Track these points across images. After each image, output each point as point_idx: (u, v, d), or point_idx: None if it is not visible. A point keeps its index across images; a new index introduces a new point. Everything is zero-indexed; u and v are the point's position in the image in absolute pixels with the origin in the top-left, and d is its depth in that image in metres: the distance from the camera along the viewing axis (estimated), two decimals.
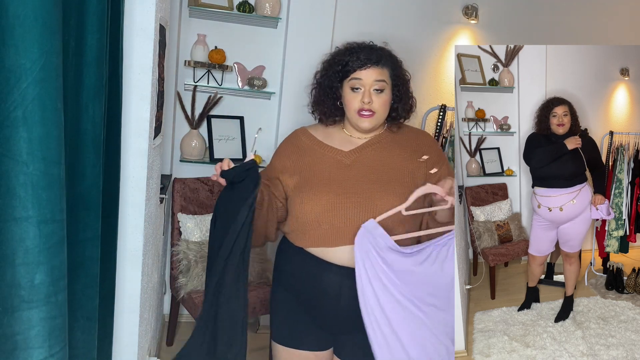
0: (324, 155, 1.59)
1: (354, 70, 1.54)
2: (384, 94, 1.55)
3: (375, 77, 1.54)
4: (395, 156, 1.58)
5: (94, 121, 1.20)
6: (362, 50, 1.57)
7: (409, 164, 1.58)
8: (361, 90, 1.53)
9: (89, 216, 1.22)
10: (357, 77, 1.54)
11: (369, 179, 1.53)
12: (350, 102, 1.55)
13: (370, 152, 1.58)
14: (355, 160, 1.57)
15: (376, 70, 1.54)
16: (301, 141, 1.64)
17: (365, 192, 1.50)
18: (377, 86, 1.54)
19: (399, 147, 1.61)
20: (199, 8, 2.61)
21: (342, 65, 1.56)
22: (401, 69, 1.63)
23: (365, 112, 1.54)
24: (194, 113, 2.72)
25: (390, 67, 1.58)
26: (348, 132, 1.62)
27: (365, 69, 1.53)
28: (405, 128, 1.69)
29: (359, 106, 1.53)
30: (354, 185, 1.52)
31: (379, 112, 1.55)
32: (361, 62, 1.54)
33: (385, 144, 1.61)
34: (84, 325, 1.25)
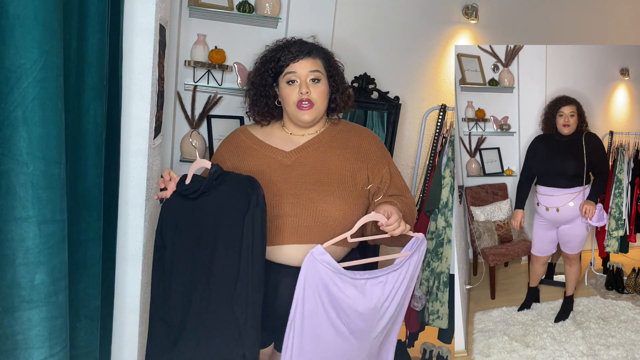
0: (264, 155, 1.58)
1: (287, 64, 1.55)
2: (321, 84, 1.56)
3: (309, 67, 1.54)
4: (337, 156, 1.58)
5: (95, 121, 1.20)
6: (293, 44, 1.58)
7: (351, 164, 1.58)
8: (297, 82, 1.54)
9: (90, 216, 1.22)
10: (292, 71, 1.54)
11: (309, 180, 1.52)
12: (288, 95, 1.55)
13: (312, 152, 1.58)
14: (296, 160, 1.56)
15: (309, 61, 1.55)
16: (242, 141, 1.63)
17: (305, 193, 1.50)
18: (313, 76, 1.54)
19: (340, 146, 1.60)
20: (199, 8, 2.61)
21: (274, 62, 1.57)
22: (333, 59, 1.64)
23: (304, 103, 1.54)
24: (193, 113, 2.72)
25: (323, 57, 1.59)
26: (288, 130, 1.62)
27: (298, 61, 1.54)
28: (349, 126, 1.68)
29: (298, 97, 1.54)
30: (294, 186, 1.51)
31: (318, 103, 1.55)
32: (293, 55, 1.54)
33: (327, 143, 1.60)
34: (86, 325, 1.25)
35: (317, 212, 1.48)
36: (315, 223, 1.49)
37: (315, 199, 1.49)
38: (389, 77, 3.06)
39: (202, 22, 2.69)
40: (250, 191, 1.38)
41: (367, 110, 3.05)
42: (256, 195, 1.38)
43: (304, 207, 1.49)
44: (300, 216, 1.48)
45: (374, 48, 3.03)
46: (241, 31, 2.76)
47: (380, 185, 1.59)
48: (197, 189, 1.41)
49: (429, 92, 3.21)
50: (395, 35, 3.07)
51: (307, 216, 1.48)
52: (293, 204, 1.49)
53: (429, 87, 3.21)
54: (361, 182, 1.57)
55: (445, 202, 2.97)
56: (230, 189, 1.41)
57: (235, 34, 2.76)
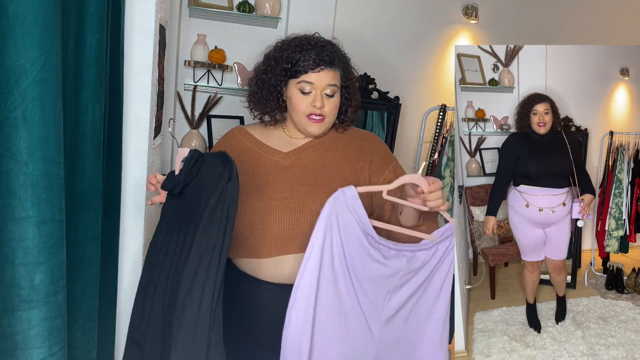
0: (261, 156, 1.47)
1: (305, 72, 1.40)
2: (335, 98, 1.44)
3: (328, 80, 1.40)
4: (337, 157, 1.47)
5: (94, 121, 1.20)
6: (313, 48, 1.41)
7: (352, 165, 1.47)
8: (312, 93, 1.41)
9: (89, 216, 1.22)
10: (309, 81, 1.40)
11: (306, 181, 1.42)
12: (298, 104, 1.42)
13: (311, 153, 1.47)
14: (294, 161, 1.46)
15: (329, 73, 1.41)
16: (239, 141, 1.52)
17: (302, 194, 1.39)
18: (329, 91, 1.41)
19: (341, 147, 1.49)
20: (199, 8, 2.61)
21: (291, 63, 1.41)
22: (351, 67, 1.50)
23: (315, 116, 1.42)
24: (194, 113, 2.72)
25: (342, 67, 1.46)
26: (289, 133, 1.51)
27: (317, 72, 1.39)
28: (352, 129, 1.57)
29: (310, 111, 1.41)
30: (290, 188, 1.40)
31: (329, 117, 1.44)
32: (313, 63, 1.39)
33: (327, 145, 1.49)
34: (84, 325, 1.25)
35: (312, 215, 1.35)
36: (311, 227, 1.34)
37: (310, 201, 1.39)
38: (389, 77, 3.06)
39: (202, 22, 2.70)
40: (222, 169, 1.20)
41: (367, 110, 3.05)
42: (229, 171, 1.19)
43: (299, 211, 1.39)
44: (296, 222, 1.38)
45: (374, 48, 3.03)
46: (241, 31, 2.76)
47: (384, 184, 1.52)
48: (177, 181, 1.24)
49: (429, 92, 3.22)
50: (395, 35, 3.07)
51: (302, 221, 1.38)
52: (288, 208, 1.39)
53: (429, 87, 3.21)
54: (364, 182, 1.46)
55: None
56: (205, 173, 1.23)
57: (235, 34, 2.76)
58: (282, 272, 1.38)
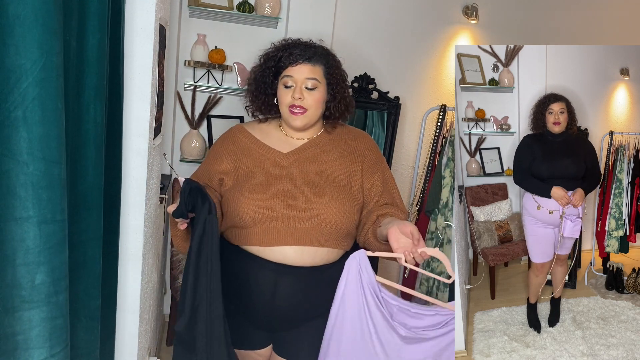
0: (262, 155, 1.58)
1: (285, 67, 1.53)
2: (317, 92, 1.54)
3: (306, 74, 1.52)
4: (333, 160, 1.58)
5: (96, 121, 1.20)
6: (297, 46, 1.56)
7: (347, 167, 1.58)
8: (293, 87, 1.53)
9: (91, 216, 1.22)
10: (289, 75, 1.53)
11: (306, 183, 1.52)
12: (282, 97, 1.54)
13: (309, 155, 1.58)
14: (293, 162, 1.56)
15: (307, 67, 1.52)
16: (239, 139, 1.62)
17: (303, 195, 1.50)
18: (309, 84, 1.52)
19: (336, 150, 1.60)
20: (199, 8, 2.61)
21: (275, 61, 1.55)
22: (337, 68, 1.61)
23: (296, 108, 1.53)
24: (193, 113, 2.72)
25: (324, 64, 1.56)
26: (284, 132, 1.61)
27: (296, 66, 1.52)
28: (344, 129, 1.67)
29: (290, 101, 1.52)
30: (291, 189, 1.51)
31: (311, 110, 1.54)
32: (293, 58, 1.53)
33: (323, 147, 1.60)
34: (87, 325, 1.25)
35: (313, 214, 1.48)
36: (312, 226, 1.48)
37: (311, 201, 1.49)
38: (389, 77, 3.06)
39: (202, 22, 2.70)
40: (201, 202, 1.33)
41: (367, 110, 3.05)
42: (207, 204, 1.32)
43: (301, 210, 1.49)
44: (297, 218, 1.48)
45: (374, 48, 3.03)
46: (241, 31, 2.76)
47: (371, 190, 1.59)
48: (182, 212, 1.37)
49: (429, 92, 3.21)
50: (395, 35, 3.07)
51: (304, 218, 1.48)
52: (290, 206, 1.49)
53: (429, 87, 3.21)
54: (356, 185, 1.57)
55: (445, 202, 2.97)
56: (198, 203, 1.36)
57: (235, 34, 2.76)
58: (284, 256, 1.49)
